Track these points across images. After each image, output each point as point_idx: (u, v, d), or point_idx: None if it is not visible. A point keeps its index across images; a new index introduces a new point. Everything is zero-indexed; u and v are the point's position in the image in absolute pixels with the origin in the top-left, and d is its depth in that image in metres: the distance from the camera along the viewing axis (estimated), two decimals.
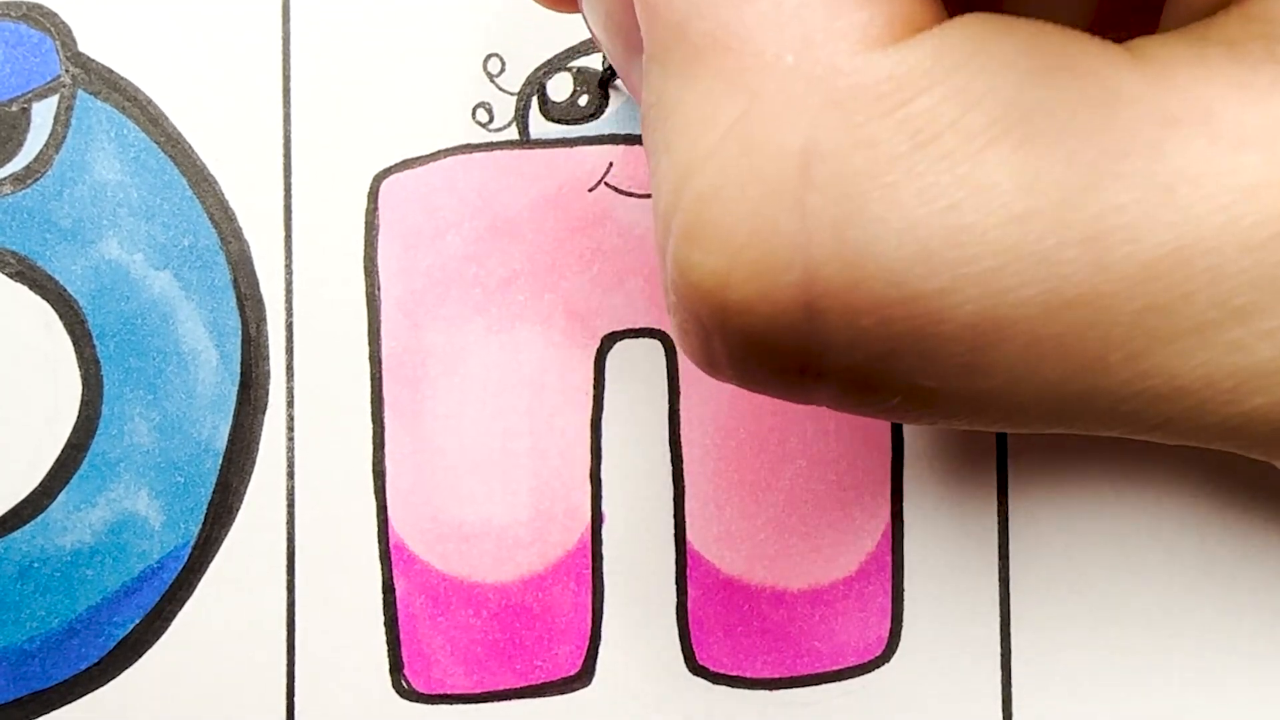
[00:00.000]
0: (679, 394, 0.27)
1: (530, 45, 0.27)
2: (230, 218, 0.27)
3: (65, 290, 0.26)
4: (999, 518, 0.27)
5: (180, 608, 0.27)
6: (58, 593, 0.26)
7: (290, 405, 0.27)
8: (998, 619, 0.27)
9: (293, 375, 0.27)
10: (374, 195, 0.27)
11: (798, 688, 0.27)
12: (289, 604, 0.27)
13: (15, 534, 0.26)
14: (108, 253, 0.26)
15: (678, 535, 0.27)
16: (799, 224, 0.15)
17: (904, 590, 0.27)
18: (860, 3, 0.15)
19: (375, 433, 0.27)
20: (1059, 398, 0.16)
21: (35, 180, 0.26)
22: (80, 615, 0.26)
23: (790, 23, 0.15)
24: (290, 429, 0.27)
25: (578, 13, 0.21)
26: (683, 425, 0.27)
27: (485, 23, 0.27)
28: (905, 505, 0.27)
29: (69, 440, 0.26)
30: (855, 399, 0.17)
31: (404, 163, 0.27)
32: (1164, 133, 0.15)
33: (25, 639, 0.26)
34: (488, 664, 0.27)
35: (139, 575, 0.26)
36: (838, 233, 0.15)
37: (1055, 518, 0.27)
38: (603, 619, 0.27)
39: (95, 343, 0.26)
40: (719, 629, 0.27)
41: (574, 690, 0.27)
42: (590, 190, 0.27)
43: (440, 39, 0.27)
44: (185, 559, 0.27)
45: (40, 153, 0.26)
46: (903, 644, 0.27)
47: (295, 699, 0.27)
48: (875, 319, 0.15)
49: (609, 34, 0.20)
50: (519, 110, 0.27)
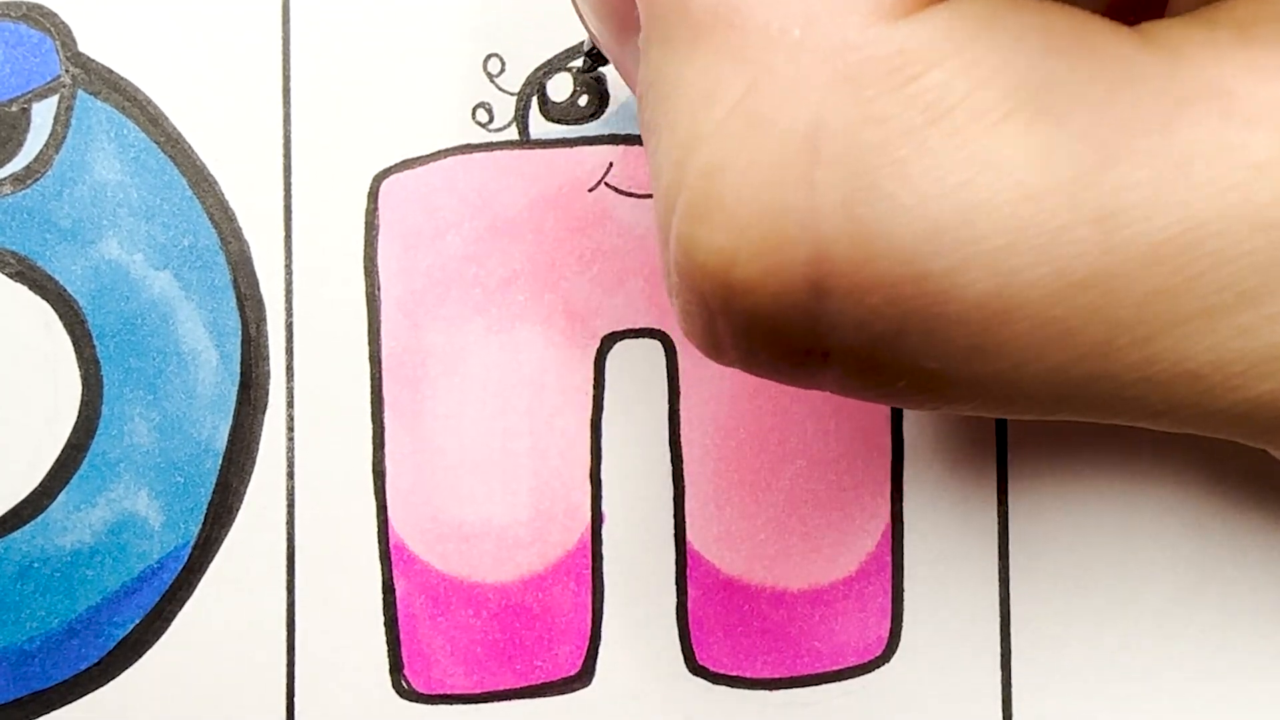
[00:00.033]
0: (679, 394, 0.27)
1: (530, 45, 0.27)
2: (230, 218, 0.27)
3: (65, 290, 0.26)
4: (999, 517, 0.27)
5: (180, 608, 0.26)
6: (58, 593, 0.26)
7: (290, 405, 0.27)
8: (998, 619, 0.27)
9: (293, 375, 0.27)
10: (374, 195, 0.27)
11: (798, 688, 0.27)
12: (289, 604, 0.27)
13: (15, 534, 0.26)
14: (108, 253, 0.26)
15: (678, 535, 0.27)
16: (807, 201, 0.15)
17: (904, 590, 0.27)
18: None
19: (375, 433, 0.27)
20: (1064, 381, 0.16)
21: (35, 180, 0.26)
22: (80, 615, 0.26)
23: None
24: (290, 429, 0.27)
25: None
26: (683, 425, 0.27)
27: (485, 23, 0.27)
28: (905, 505, 0.27)
29: (69, 440, 0.26)
30: (861, 381, 0.17)
31: (404, 163, 0.27)
32: (1176, 110, 0.15)
33: (25, 639, 0.26)
34: (488, 664, 0.27)
35: (139, 575, 0.26)
36: (847, 210, 0.15)
37: (1055, 517, 0.27)
38: (603, 619, 0.27)
39: (95, 343, 0.26)
40: (719, 629, 0.27)
41: (574, 690, 0.27)
42: (590, 190, 0.27)
43: (440, 39, 0.27)
44: (185, 559, 0.26)
45: (40, 153, 0.26)
46: (903, 644, 0.27)
47: (295, 699, 0.27)
48: (883, 298, 0.15)
49: (601, 15, 0.19)
50: (519, 110, 0.27)
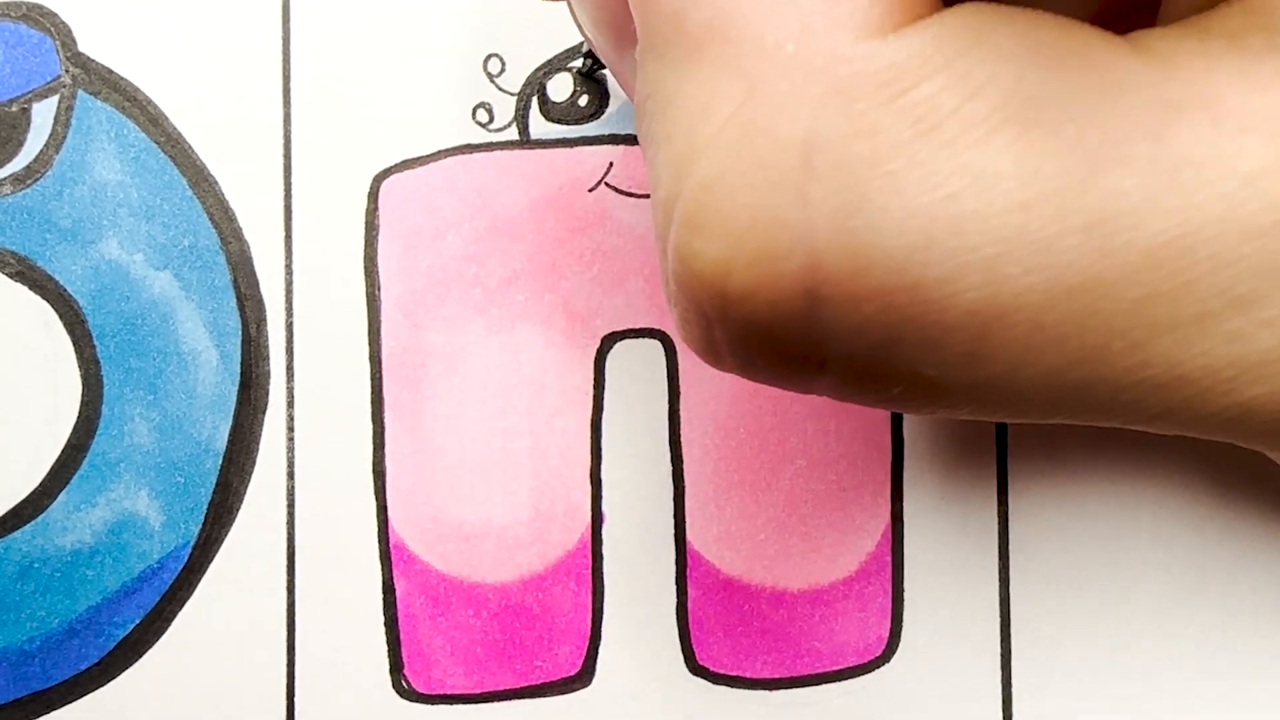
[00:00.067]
0: (679, 394, 0.27)
1: (530, 45, 0.27)
2: (230, 218, 0.27)
3: (65, 290, 0.26)
4: (999, 518, 0.27)
5: (180, 608, 0.27)
6: (58, 593, 0.26)
7: (290, 405, 0.27)
8: (998, 619, 0.27)
9: (293, 375, 0.27)
10: (374, 195, 0.27)
11: (798, 688, 0.27)
12: (289, 604, 0.27)
13: (15, 534, 0.26)
14: (108, 253, 0.26)
15: (678, 535, 0.27)
16: (801, 212, 0.15)
17: (904, 590, 0.27)
18: None
19: (375, 433, 0.27)
20: (1060, 386, 0.16)
21: (35, 180, 0.26)
22: (80, 615, 0.26)
23: (789, 11, 0.15)
24: (290, 429, 0.27)
25: (562, 1, 0.21)
26: (683, 425, 0.27)
27: (485, 23, 0.27)
28: (905, 505, 0.27)
29: (69, 440, 0.26)
30: (856, 388, 0.17)
31: (404, 163, 0.27)
32: (1167, 118, 0.15)
33: (25, 639, 0.26)
34: (488, 664, 0.27)
35: (139, 575, 0.26)
36: (839, 221, 0.15)
37: (1055, 517, 0.27)
38: (603, 619, 0.27)
39: (95, 343, 0.26)
40: (719, 629, 0.27)
41: (574, 690, 0.27)
42: (590, 190, 0.27)
43: (440, 39, 0.27)
44: (185, 559, 0.26)
45: (40, 153, 0.26)
46: (903, 644, 0.27)
47: (295, 699, 0.27)
48: (877, 307, 0.15)
49: (599, 27, 0.20)
50: (519, 110, 0.27)
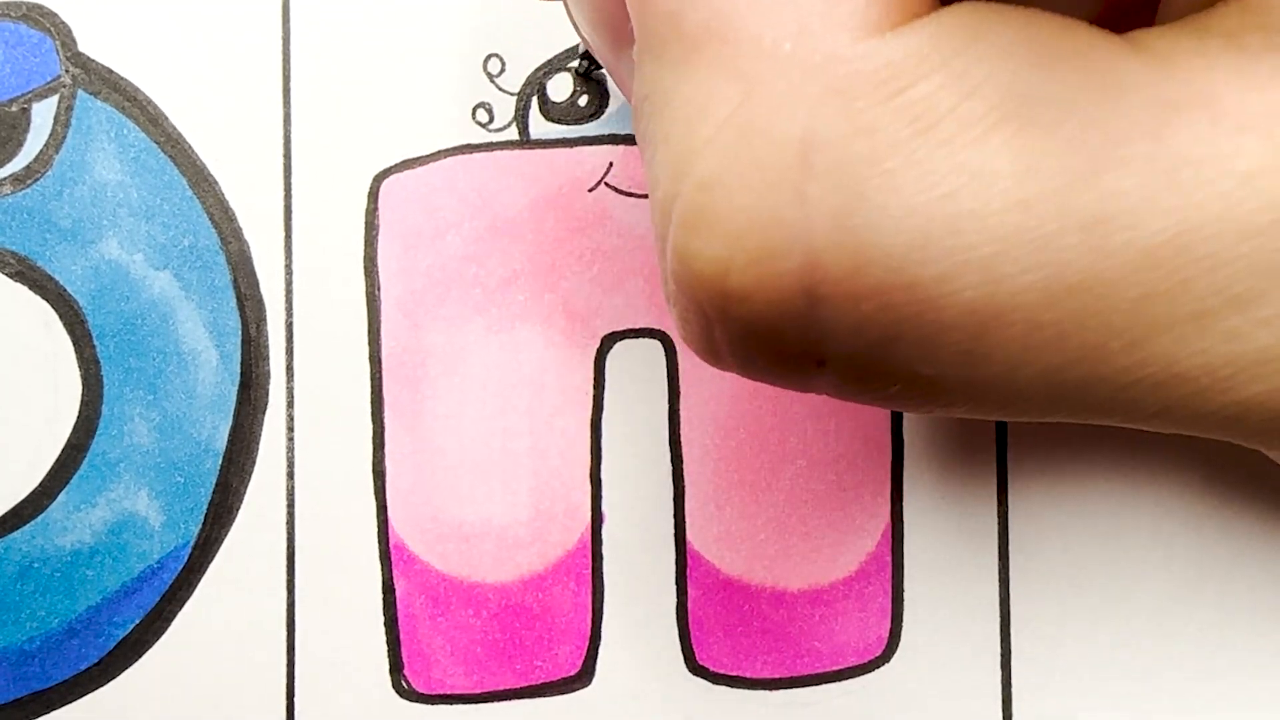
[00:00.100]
0: (679, 394, 0.27)
1: (530, 45, 0.27)
2: (230, 218, 0.27)
3: (65, 290, 0.26)
4: (999, 518, 0.27)
5: (180, 608, 0.27)
6: (58, 593, 0.26)
7: (290, 405, 0.27)
8: (998, 619, 0.27)
9: (293, 375, 0.27)
10: (374, 195, 0.27)
11: (798, 688, 0.27)
12: (289, 604, 0.27)
13: (15, 534, 0.26)
14: (108, 253, 0.26)
15: (678, 535, 0.27)
16: (799, 211, 0.15)
17: (904, 590, 0.27)
18: None
19: (375, 433, 0.27)
20: (1058, 385, 0.16)
21: (35, 180, 0.26)
22: (80, 615, 0.26)
23: (786, 11, 0.15)
24: (290, 429, 0.27)
25: (559, 0, 0.21)
26: (683, 425, 0.27)
27: (485, 23, 0.27)
28: (905, 505, 0.27)
29: (69, 440, 0.26)
30: (855, 386, 0.17)
31: (404, 163, 0.27)
32: (1165, 117, 0.15)
33: (25, 639, 0.26)
34: (488, 664, 0.27)
35: (139, 575, 0.26)
36: (838, 220, 0.15)
37: (1055, 516, 0.27)
38: (603, 619, 0.27)
39: (95, 343, 0.26)
40: (719, 629, 0.27)
41: (574, 690, 0.27)
42: (590, 190, 0.27)
43: (440, 39, 0.27)
44: (185, 559, 0.26)
45: (40, 153, 0.26)
46: (903, 644, 0.27)
47: (295, 699, 0.27)
48: (875, 305, 0.15)
49: (596, 28, 0.20)
50: (519, 110, 0.27)
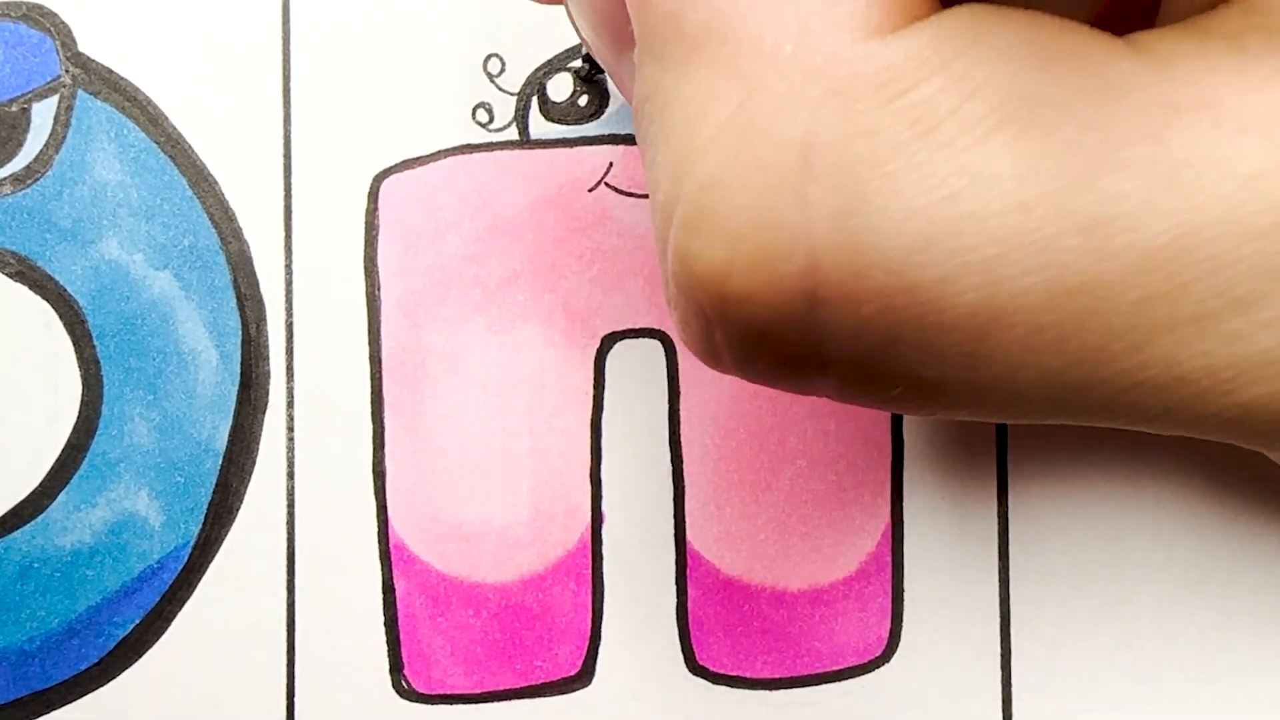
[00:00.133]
0: (679, 394, 0.27)
1: (530, 45, 0.27)
2: (230, 218, 0.27)
3: (65, 290, 0.26)
4: (999, 518, 0.27)
5: (180, 608, 0.27)
6: (58, 593, 0.26)
7: (290, 405, 0.27)
8: (998, 619, 0.27)
9: (293, 375, 0.27)
10: (374, 195, 0.27)
11: (798, 688, 0.27)
12: (289, 604, 0.27)
13: (15, 534, 0.26)
14: (108, 253, 0.26)
15: (678, 535, 0.27)
16: (800, 213, 0.15)
17: (904, 590, 0.27)
18: None
19: (375, 433, 0.27)
20: (1060, 387, 0.16)
21: (35, 180, 0.26)
22: (80, 615, 0.26)
23: (786, 12, 0.15)
24: (290, 429, 0.27)
25: (561, 3, 0.21)
26: (683, 425, 0.27)
27: (485, 23, 0.27)
28: (905, 505, 0.27)
29: (69, 440, 0.26)
30: (856, 389, 0.17)
31: (404, 163, 0.27)
32: (1166, 119, 0.15)
33: (25, 639, 0.26)
34: (488, 664, 0.27)
35: (139, 575, 0.26)
36: (838, 222, 0.15)
37: (1055, 517, 0.27)
38: (603, 619, 0.27)
39: (95, 343, 0.26)
40: (719, 629, 0.27)
41: (574, 690, 0.27)
42: (590, 190, 0.27)
43: (440, 39, 0.27)
44: (185, 559, 0.26)
45: (40, 153, 0.26)
46: (903, 644, 0.27)
47: (295, 699, 0.27)
48: (876, 308, 0.15)
49: (597, 29, 0.20)
50: (519, 110, 0.27)
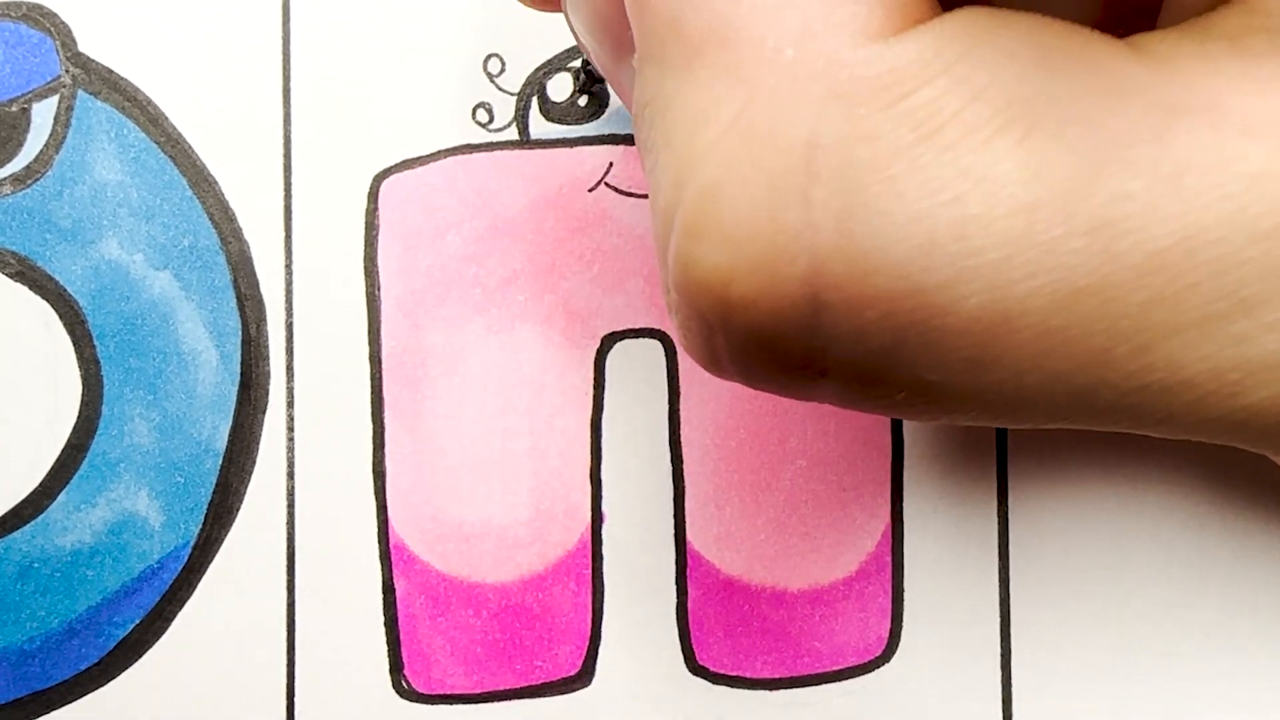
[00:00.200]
0: (679, 394, 0.27)
1: (530, 45, 0.27)
2: (230, 218, 0.27)
3: (65, 290, 0.26)
4: (999, 518, 0.27)
5: (180, 608, 0.27)
6: (58, 593, 0.26)
7: (290, 405, 0.27)
8: (998, 619, 0.27)
9: (293, 375, 0.27)
10: (374, 195, 0.27)
11: (798, 688, 0.27)
12: (289, 604, 0.27)
13: (15, 534, 0.26)
14: (108, 253, 0.26)
15: (678, 535, 0.27)
16: (803, 217, 0.15)
17: (904, 590, 0.27)
18: None
19: (375, 433, 0.27)
20: (1065, 391, 0.16)
21: (35, 180, 0.26)
22: (80, 615, 0.26)
23: (788, 15, 0.15)
24: (290, 429, 0.27)
25: (559, 9, 0.21)
26: (683, 425, 0.27)
27: (485, 23, 0.27)
28: (905, 505, 0.27)
29: (69, 440, 0.26)
30: (859, 394, 0.17)
31: (404, 163, 0.27)
32: (1169, 121, 0.15)
33: (25, 639, 0.26)
34: (488, 664, 0.27)
35: (139, 575, 0.26)
36: (842, 226, 0.15)
37: (1055, 518, 0.27)
38: (603, 619, 0.27)
39: (95, 343, 0.26)
40: (719, 629, 0.27)
41: (574, 690, 0.27)
42: (590, 190, 0.27)
43: (440, 39, 0.27)
44: (185, 559, 0.26)
45: (40, 153, 0.26)
46: (903, 644, 0.27)
47: (295, 699, 0.27)
48: (880, 312, 0.15)
49: (596, 35, 0.19)
50: (519, 110, 0.27)
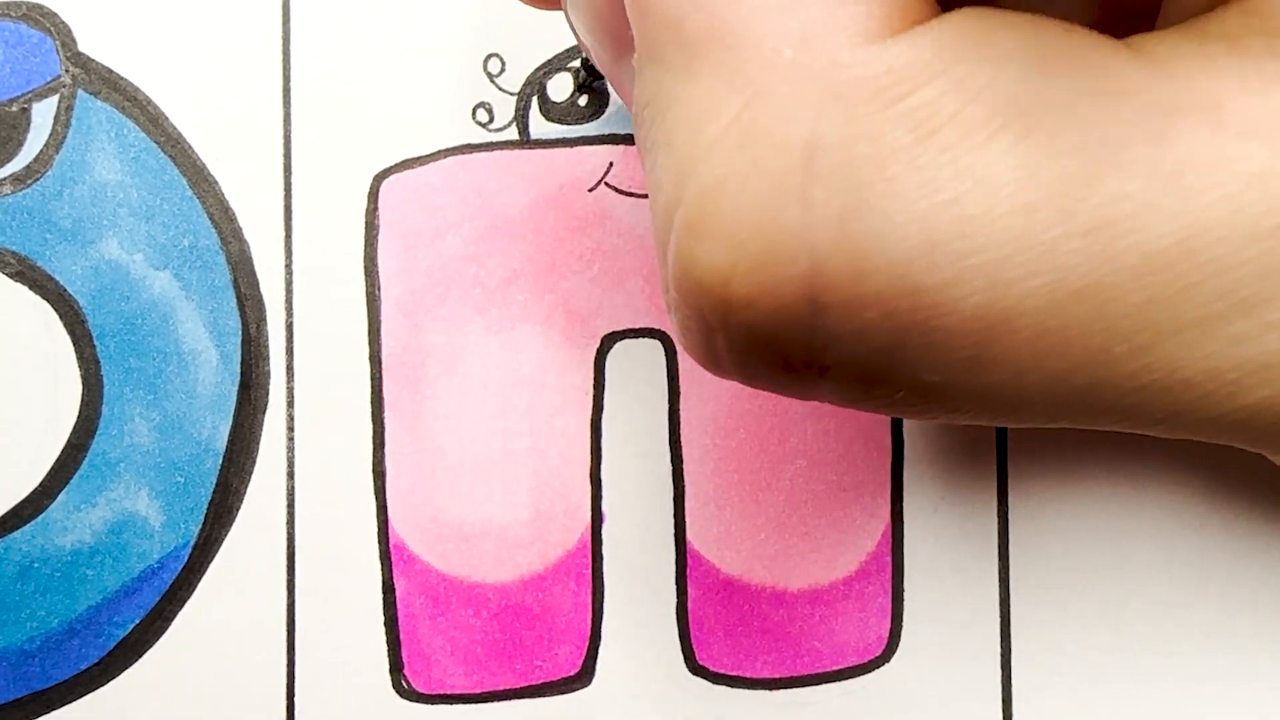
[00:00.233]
0: (679, 394, 0.27)
1: (530, 45, 0.27)
2: (230, 218, 0.27)
3: (65, 290, 0.26)
4: (999, 518, 0.27)
5: (180, 608, 0.27)
6: (58, 593, 0.26)
7: (290, 405, 0.27)
8: (998, 619, 0.27)
9: (293, 375, 0.27)
10: (374, 195, 0.27)
11: (798, 688, 0.27)
12: (289, 604, 0.27)
13: (15, 534, 0.26)
14: (108, 253, 0.26)
15: (678, 535, 0.27)
16: (803, 217, 0.15)
17: (904, 590, 0.27)
18: None
19: (375, 433, 0.27)
20: (1064, 391, 0.16)
21: (35, 180, 0.26)
22: (80, 615, 0.26)
23: (787, 16, 0.15)
24: (290, 429, 0.27)
25: (559, 7, 0.21)
26: (683, 425, 0.27)
27: (485, 23, 0.27)
28: (905, 505, 0.27)
29: (69, 440, 0.26)
30: (859, 393, 0.17)
31: (404, 163, 0.27)
32: (1167, 122, 0.15)
33: (25, 639, 0.26)
34: (488, 664, 0.27)
35: (139, 575, 0.26)
36: (841, 226, 0.15)
37: (1055, 518, 0.27)
38: (603, 619, 0.27)
39: (95, 343, 0.26)
40: (719, 629, 0.27)
41: (574, 690, 0.27)
42: (590, 190, 0.27)
43: (440, 39, 0.27)
44: (185, 559, 0.26)
45: (40, 153, 0.26)
46: (903, 644, 0.27)
47: (295, 699, 0.27)
48: (879, 312, 0.15)
49: (596, 35, 0.20)
50: (519, 110, 0.27)
